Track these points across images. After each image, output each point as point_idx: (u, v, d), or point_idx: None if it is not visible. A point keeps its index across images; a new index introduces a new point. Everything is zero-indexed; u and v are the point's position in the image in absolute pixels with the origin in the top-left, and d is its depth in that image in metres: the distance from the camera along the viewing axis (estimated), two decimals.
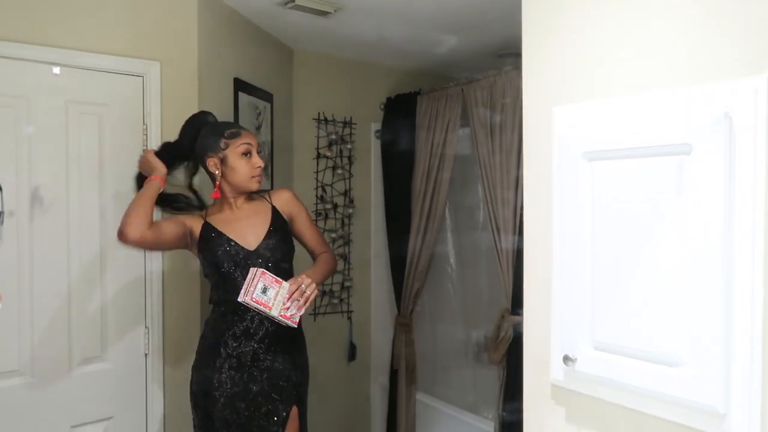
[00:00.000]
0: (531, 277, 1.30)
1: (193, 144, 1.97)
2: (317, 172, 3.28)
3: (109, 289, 2.13)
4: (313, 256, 2.12)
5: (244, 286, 1.80)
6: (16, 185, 1.93)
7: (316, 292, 1.93)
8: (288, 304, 1.85)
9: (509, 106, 2.55)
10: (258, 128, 2.79)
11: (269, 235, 1.97)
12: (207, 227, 1.95)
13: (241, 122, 2.57)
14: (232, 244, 1.92)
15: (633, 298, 1.06)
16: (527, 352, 1.32)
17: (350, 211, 3.39)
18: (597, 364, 1.13)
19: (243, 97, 2.63)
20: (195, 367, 1.96)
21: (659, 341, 1.01)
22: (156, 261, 2.22)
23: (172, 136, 2.18)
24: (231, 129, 1.98)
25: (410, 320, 3.22)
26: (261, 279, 1.81)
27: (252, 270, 1.82)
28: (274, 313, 1.83)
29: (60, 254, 2.03)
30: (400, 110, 3.30)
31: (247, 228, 1.97)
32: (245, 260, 1.91)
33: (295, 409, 1.98)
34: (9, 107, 1.92)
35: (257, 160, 1.96)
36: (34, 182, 1.97)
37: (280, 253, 1.97)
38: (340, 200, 3.36)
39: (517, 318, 2.53)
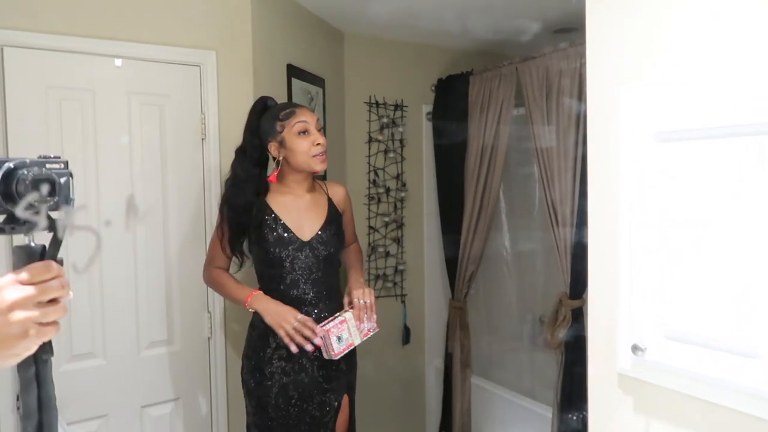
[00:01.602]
0: (596, 264, 1.27)
1: (258, 134, 1.93)
2: (369, 156, 3.28)
3: (173, 276, 2.21)
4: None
5: (324, 351, 1.84)
6: (84, 174, 2.00)
7: (373, 292, 1.97)
8: (362, 326, 1.91)
9: (566, 85, 2.47)
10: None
11: (324, 227, 1.95)
12: (265, 207, 1.91)
13: None
14: (289, 231, 1.90)
15: (707, 286, 1.02)
16: (592, 341, 1.29)
17: (402, 194, 3.38)
18: (668, 353, 1.10)
19: (296, 83, 2.65)
20: (245, 357, 1.97)
21: (737, 331, 0.97)
22: None
23: (229, 124, 2.22)
24: (286, 109, 1.91)
25: (464, 303, 3.20)
26: (331, 335, 1.83)
27: (319, 337, 1.81)
28: (358, 342, 1.91)
29: (127, 243, 2.10)
30: (451, 92, 3.25)
31: (304, 218, 1.95)
32: (296, 250, 1.89)
33: (346, 398, 1.99)
34: (76, 100, 1.99)
35: (316, 137, 1.88)
36: (101, 172, 2.04)
37: (332, 246, 1.96)
38: (392, 184, 3.35)
39: (575, 302, 2.48)
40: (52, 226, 0.72)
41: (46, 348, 0.74)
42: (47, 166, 0.72)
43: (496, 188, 2.98)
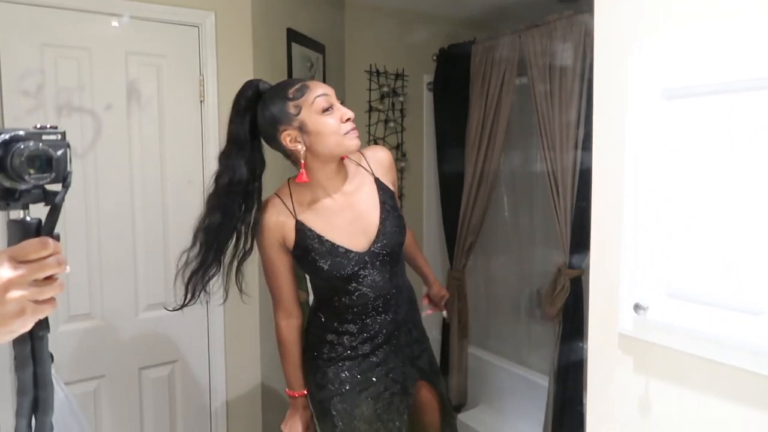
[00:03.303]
0: (599, 224, 1.26)
1: (253, 128, 1.50)
2: (369, 125, 3.25)
3: (171, 239, 2.19)
4: None
5: None
6: (81, 136, 1.98)
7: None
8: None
9: (570, 53, 2.44)
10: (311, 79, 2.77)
11: (382, 221, 1.56)
12: (301, 229, 1.52)
13: (295, 74, 2.55)
14: (340, 250, 1.52)
15: (712, 244, 1.01)
16: (593, 302, 1.28)
17: (402, 164, 3.36)
18: (670, 312, 1.09)
19: (296, 48, 2.61)
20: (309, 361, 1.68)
21: (741, 289, 0.96)
22: None
23: (228, 87, 2.19)
24: (294, 85, 1.48)
25: (463, 274, 3.20)
26: None
27: None
28: None
29: (124, 206, 2.09)
30: (453, 61, 3.20)
31: (354, 222, 1.56)
32: (358, 266, 1.54)
33: (421, 385, 1.76)
34: (73, 59, 1.96)
35: (343, 111, 1.48)
36: (98, 134, 2.01)
37: (396, 239, 1.59)
38: (392, 154, 3.33)
39: (574, 272, 2.48)
40: (48, 200, 0.71)
41: (43, 325, 0.72)
42: (44, 138, 0.69)
43: (497, 159, 2.96)
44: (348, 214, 1.56)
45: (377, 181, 1.63)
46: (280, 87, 1.51)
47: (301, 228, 1.53)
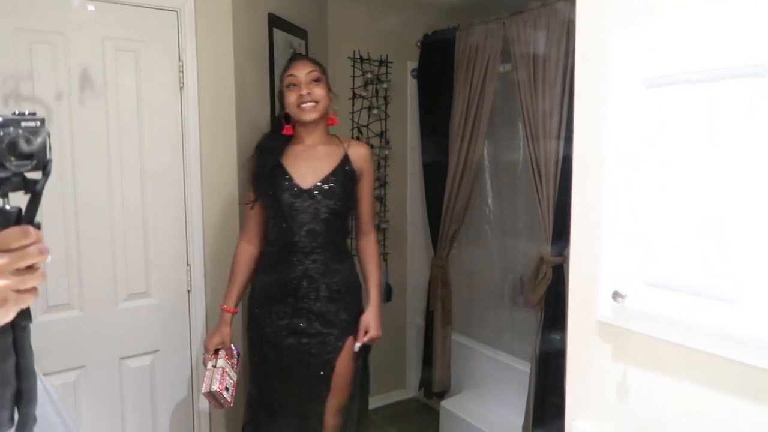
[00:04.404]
0: (579, 212, 1.26)
1: None
2: (353, 112, 3.23)
3: (151, 228, 2.16)
4: (356, 227, 2.15)
5: (217, 404, 2.01)
6: (58, 121, 1.94)
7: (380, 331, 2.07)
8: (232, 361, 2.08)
9: (554, 40, 2.44)
10: None
11: (328, 178, 1.98)
12: (284, 163, 2.02)
13: (277, 61, 2.52)
14: (290, 178, 1.98)
15: (690, 232, 1.02)
16: (573, 290, 1.29)
17: (386, 152, 3.35)
18: (648, 300, 1.10)
19: (278, 34, 2.58)
20: (249, 299, 2.12)
21: (717, 276, 0.97)
22: (195, 200, 2.23)
23: (207, 73, 2.16)
24: (287, 63, 2.04)
25: (446, 262, 3.21)
26: (222, 392, 1.97)
27: (212, 397, 1.97)
28: (236, 377, 2.05)
29: (103, 194, 2.05)
30: (437, 48, 3.19)
31: (309, 167, 2.00)
32: (294, 197, 1.96)
33: (351, 341, 2.04)
34: (48, 43, 1.91)
35: (301, 89, 1.96)
36: (75, 119, 1.97)
37: (335, 199, 1.97)
38: (375, 141, 3.31)
39: (556, 259, 2.49)
40: (28, 188, 0.69)
41: (25, 315, 0.71)
42: (23, 124, 0.68)
43: (481, 146, 2.96)
44: (309, 160, 2.01)
45: (346, 156, 2.03)
46: (288, 62, 2.09)
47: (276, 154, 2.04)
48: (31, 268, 0.67)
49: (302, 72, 1.99)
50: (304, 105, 1.97)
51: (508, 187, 3.29)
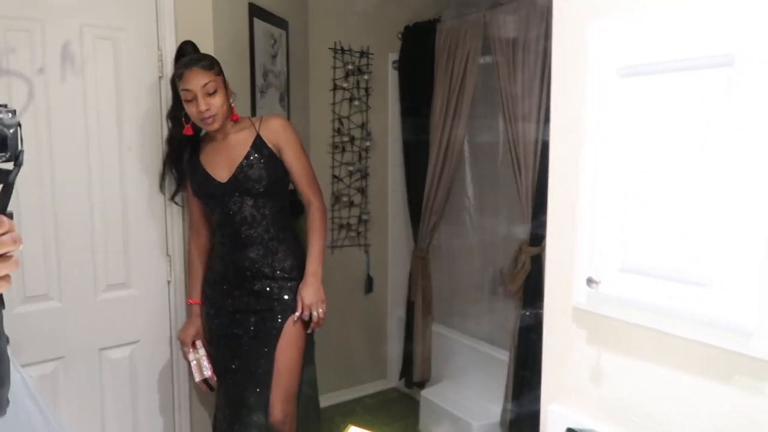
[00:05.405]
0: (555, 199, 1.28)
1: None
2: (334, 104, 3.23)
3: (131, 219, 2.15)
4: (303, 200, 2.10)
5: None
6: (34, 113, 1.91)
7: (324, 308, 2.03)
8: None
9: (533, 32, 2.46)
10: (274, 57, 2.73)
11: (242, 167, 1.98)
12: (194, 158, 2.06)
13: (257, 51, 2.51)
14: (207, 176, 2.02)
15: (664, 219, 1.04)
16: (549, 276, 1.31)
17: (367, 144, 3.36)
18: (622, 285, 1.12)
19: (258, 24, 2.56)
20: (202, 285, 2.19)
21: (689, 261, 1.00)
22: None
23: None
24: (179, 69, 1.95)
25: (427, 253, 3.23)
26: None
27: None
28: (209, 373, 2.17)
29: (82, 185, 2.03)
30: (418, 40, 3.20)
31: (222, 160, 2.01)
32: (218, 192, 2.01)
33: (291, 322, 2.04)
34: (25, 31, 1.88)
35: (200, 104, 1.91)
36: (52, 109, 1.95)
37: (257, 183, 1.98)
38: (357, 133, 3.32)
39: (534, 249, 2.53)
40: (1, 179, 0.71)
41: None
42: None
43: (461, 137, 2.98)
44: (223, 155, 2.02)
45: (257, 138, 2.01)
46: (178, 63, 2.00)
47: (194, 156, 2.08)
48: (3, 257, 0.69)
49: (196, 85, 1.91)
50: (204, 119, 1.94)
51: (488, 179, 3.32)
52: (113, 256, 2.12)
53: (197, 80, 1.92)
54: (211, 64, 1.97)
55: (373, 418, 3.30)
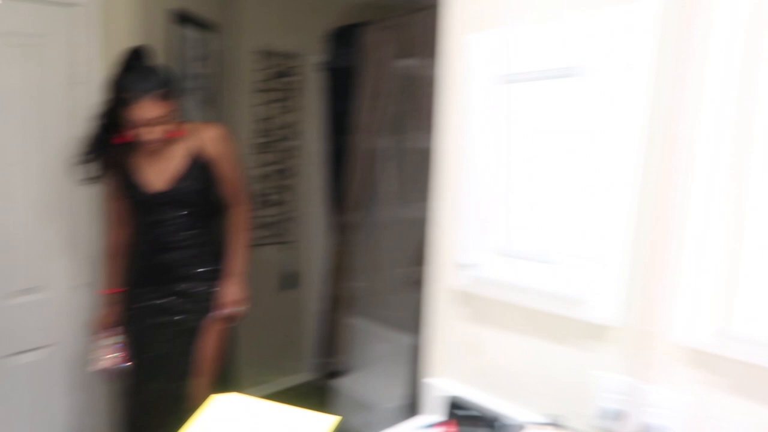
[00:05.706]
0: (440, 192, 1.42)
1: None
2: (259, 105, 3.29)
3: (46, 222, 2.14)
4: (228, 201, 2.12)
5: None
6: None
7: (244, 305, 2.09)
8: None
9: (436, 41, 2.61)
10: (203, 60, 2.78)
11: (176, 179, 1.96)
12: (128, 166, 1.98)
13: (184, 56, 2.54)
14: (137, 184, 1.97)
15: (525, 208, 1.20)
16: (434, 263, 1.46)
17: (293, 144, 3.44)
18: (497, 268, 1.27)
19: (187, 28, 2.60)
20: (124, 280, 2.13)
21: (542, 243, 1.16)
22: (92, 193, 2.20)
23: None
24: (125, 93, 1.83)
25: (347, 248, 3.35)
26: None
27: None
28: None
29: None
30: (343, 42, 3.30)
31: (157, 171, 1.97)
32: (148, 204, 1.99)
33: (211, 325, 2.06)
34: None
35: (145, 134, 1.85)
36: None
37: (192, 196, 1.99)
38: (281, 133, 3.39)
39: None
40: None
41: None
42: None
43: (381, 138, 3.11)
44: (156, 166, 1.98)
45: (194, 148, 1.98)
46: (126, 80, 1.87)
47: (129, 165, 1.99)
48: None
49: (143, 118, 1.83)
50: (145, 142, 1.91)
51: (407, 176, 3.44)
52: (27, 259, 2.10)
53: (141, 114, 1.83)
54: (166, 91, 1.87)
55: None
